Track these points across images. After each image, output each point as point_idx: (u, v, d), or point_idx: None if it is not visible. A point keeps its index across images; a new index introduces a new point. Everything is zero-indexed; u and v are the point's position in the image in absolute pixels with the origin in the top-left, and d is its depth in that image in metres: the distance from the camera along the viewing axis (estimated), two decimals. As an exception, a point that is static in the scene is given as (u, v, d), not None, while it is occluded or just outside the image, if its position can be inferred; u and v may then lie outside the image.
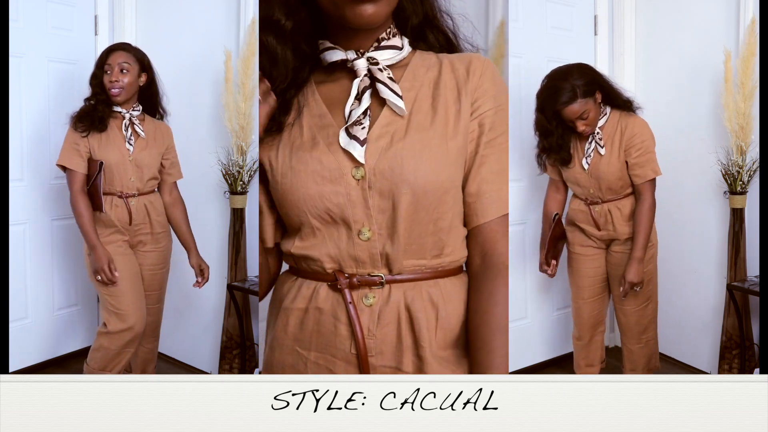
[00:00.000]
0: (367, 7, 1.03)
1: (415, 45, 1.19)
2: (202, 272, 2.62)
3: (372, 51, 1.12)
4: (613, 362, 2.85)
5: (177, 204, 2.63)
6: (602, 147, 2.37)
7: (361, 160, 1.07)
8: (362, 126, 1.08)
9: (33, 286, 3.00)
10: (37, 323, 3.04)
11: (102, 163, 2.40)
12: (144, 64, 2.51)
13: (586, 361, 2.61)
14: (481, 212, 1.11)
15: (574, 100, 2.32)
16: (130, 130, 2.47)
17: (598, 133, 2.39)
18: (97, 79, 2.46)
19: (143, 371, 2.61)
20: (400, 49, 1.15)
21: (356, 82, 1.11)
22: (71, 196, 2.43)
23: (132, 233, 2.49)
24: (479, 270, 1.12)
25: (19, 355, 2.94)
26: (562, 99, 2.33)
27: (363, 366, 1.07)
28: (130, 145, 2.46)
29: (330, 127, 1.11)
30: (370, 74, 1.11)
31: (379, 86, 1.10)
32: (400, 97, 1.09)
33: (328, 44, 1.14)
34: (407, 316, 1.08)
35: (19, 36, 2.85)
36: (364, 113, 1.09)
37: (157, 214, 2.55)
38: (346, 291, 1.08)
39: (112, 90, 2.42)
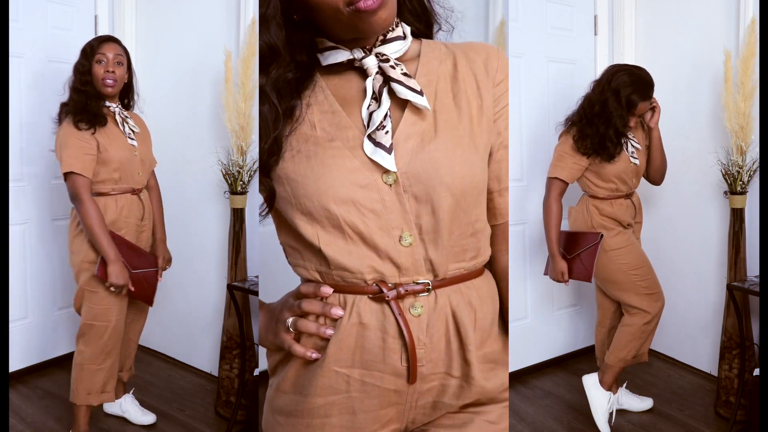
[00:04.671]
0: (381, 14, 0.97)
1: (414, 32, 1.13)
2: (169, 261, 2.57)
3: (379, 46, 1.06)
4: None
5: (156, 190, 2.57)
6: (637, 143, 2.51)
7: (392, 168, 1.00)
8: (385, 130, 1.01)
9: (33, 286, 3.00)
10: (37, 323, 3.04)
11: None
12: (129, 60, 2.44)
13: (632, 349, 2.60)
14: (505, 210, 1.12)
15: (651, 97, 2.46)
16: (126, 126, 2.40)
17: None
18: (84, 68, 2.33)
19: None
20: (404, 38, 1.08)
21: (369, 81, 1.04)
22: (82, 205, 2.24)
23: (141, 229, 2.45)
24: (506, 267, 1.15)
25: (19, 355, 2.94)
26: (649, 93, 2.44)
27: (412, 377, 1.03)
28: (133, 140, 2.39)
29: (349, 129, 1.03)
30: (382, 72, 1.04)
31: (395, 86, 1.03)
32: (421, 93, 1.03)
33: (329, 44, 1.06)
34: (453, 322, 1.06)
35: (19, 36, 2.85)
36: (386, 116, 1.02)
37: (150, 210, 2.52)
38: (393, 302, 1.02)
39: (107, 81, 2.32)
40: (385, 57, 1.05)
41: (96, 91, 2.33)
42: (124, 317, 2.42)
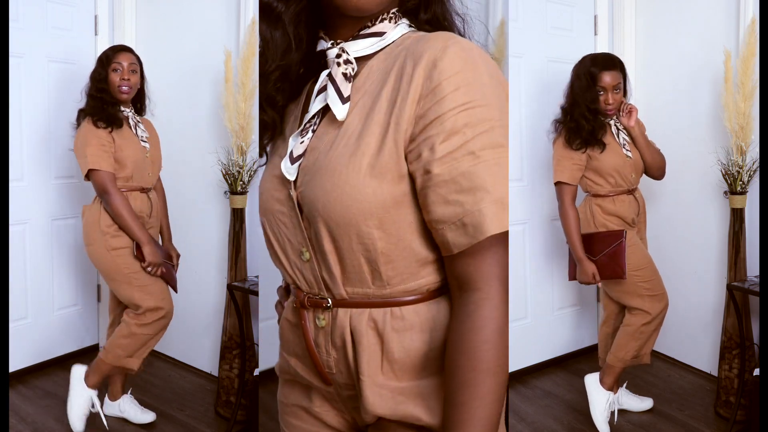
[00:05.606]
0: None
1: (419, 27, 1.03)
2: (177, 257, 2.67)
3: (349, 41, 0.99)
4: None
5: (161, 191, 2.70)
6: (627, 135, 2.52)
7: (290, 177, 0.98)
8: (301, 140, 0.98)
9: (33, 286, 3.00)
10: (37, 323, 3.04)
11: None
12: (141, 67, 2.59)
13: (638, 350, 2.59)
14: (446, 245, 0.91)
15: (615, 68, 2.49)
16: (138, 129, 2.53)
17: (617, 123, 2.52)
18: (101, 76, 2.49)
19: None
20: (382, 35, 0.98)
21: (322, 77, 0.99)
22: (111, 196, 2.39)
23: (149, 226, 2.55)
24: (457, 306, 0.94)
25: (19, 355, 2.94)
26: (609, 64, 2.49)
27: (325, 379, 1.03)
28: (145, 142, 2.53)
29: (290, 135, 1.02)
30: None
31: (329, 87, 0.96)
32: (346, 99, 0.95)
33: (321, 33, 1.03)
34: (352, 343, 0.99)
35: (19, 36, 2.85)
36: (314, 117, 0.98)
37: (157, 209, 2.62)
38: (302, 310, 1.03)
39: (122, 88, 2.48)
40: (339, 53, 0.98)
41: (112, 98, 2.49)
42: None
